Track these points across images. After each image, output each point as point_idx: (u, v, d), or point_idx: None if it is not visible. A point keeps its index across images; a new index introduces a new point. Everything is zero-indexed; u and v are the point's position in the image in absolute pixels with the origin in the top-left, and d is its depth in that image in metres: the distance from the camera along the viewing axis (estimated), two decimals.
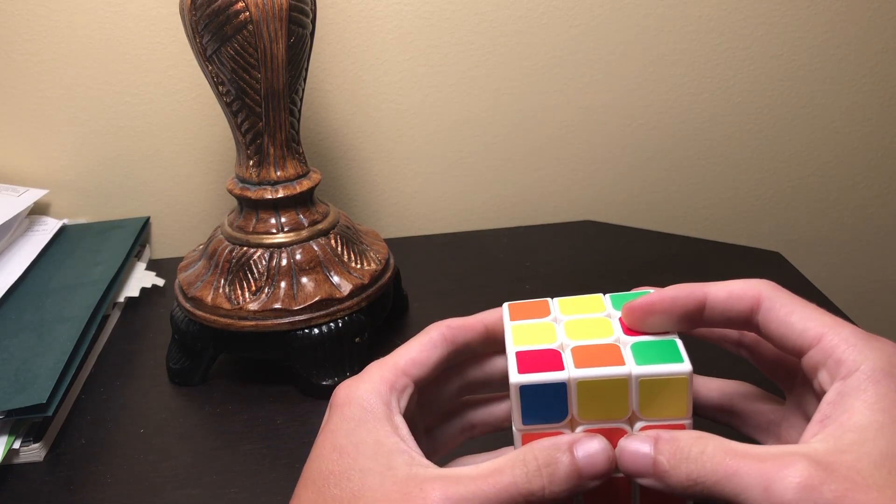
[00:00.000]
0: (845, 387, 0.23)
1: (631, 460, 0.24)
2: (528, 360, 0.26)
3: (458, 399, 0.32)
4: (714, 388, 0.31)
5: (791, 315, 0.25)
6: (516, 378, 0.26)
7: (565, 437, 0.25)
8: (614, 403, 0.26)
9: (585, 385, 0.25)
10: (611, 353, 0.26)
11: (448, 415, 0.32)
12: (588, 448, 0.24)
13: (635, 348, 0.26)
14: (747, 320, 0.27)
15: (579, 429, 0.26)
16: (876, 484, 0.21)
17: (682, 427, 0.26)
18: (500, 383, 0.31)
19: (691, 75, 0.67)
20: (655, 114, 0.69)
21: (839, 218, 0.75)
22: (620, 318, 0.28)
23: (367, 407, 0.26)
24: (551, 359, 0.26)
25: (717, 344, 0.31)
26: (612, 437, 0.26)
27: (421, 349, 0.29)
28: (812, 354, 0.25)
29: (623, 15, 0.65)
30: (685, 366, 0.25)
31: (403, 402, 0.27)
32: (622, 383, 0.25)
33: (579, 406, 0.26)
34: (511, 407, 0.27)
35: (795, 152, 0.72)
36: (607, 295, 0.30)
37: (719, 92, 0.68)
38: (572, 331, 0.28)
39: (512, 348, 0.27)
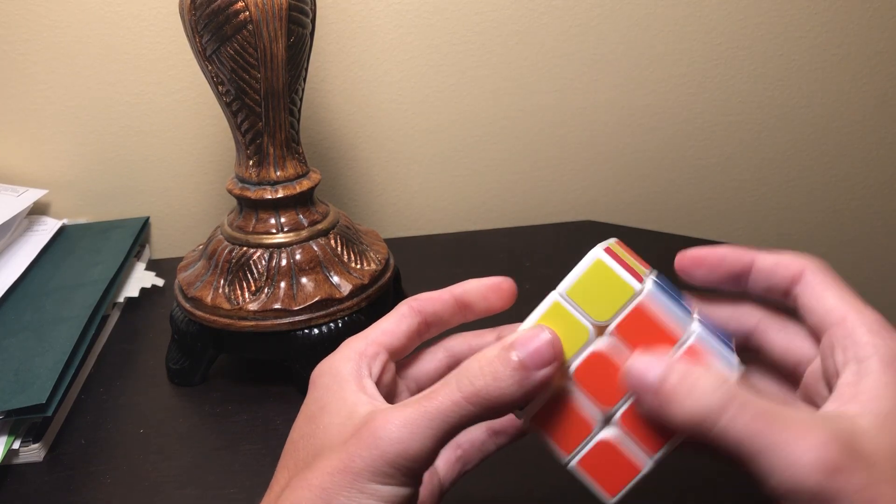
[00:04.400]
0: (863, 368, 0.23)
1: (639, 375, 0.24)
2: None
3: (445, 374, 0.32)
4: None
5: (825, 291, 0.25)
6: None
7: (505, 340, 0.24)
8: (571, 331, 0.25)
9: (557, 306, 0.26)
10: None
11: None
12: (524, 337, 0.24)
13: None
14: (787, 291, 0.27)
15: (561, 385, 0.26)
16: (892, 478, 0.20)
17: (645, 307, 0.25)
18: None
19: (691, 75, 0.67)
20: (655, 114, 0.69)
21: (839, 217, 0.75)
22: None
23: (335, 374, 0.27)
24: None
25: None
26: (601, 363, 0.25)
27: (390, 321, 0.29)
28: (832, 332, 0.25)
29: (623, 15, 0.65)
30: (593, 251, 0.26)
31: (376, 369, 0.27)
32: (557, 308, 0.25)
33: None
34: None
35: (796, 152, 0.72)
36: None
37: (719, 92, 0.68)
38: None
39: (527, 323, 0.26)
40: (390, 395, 0.28)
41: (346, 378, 0.26)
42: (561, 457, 0.26)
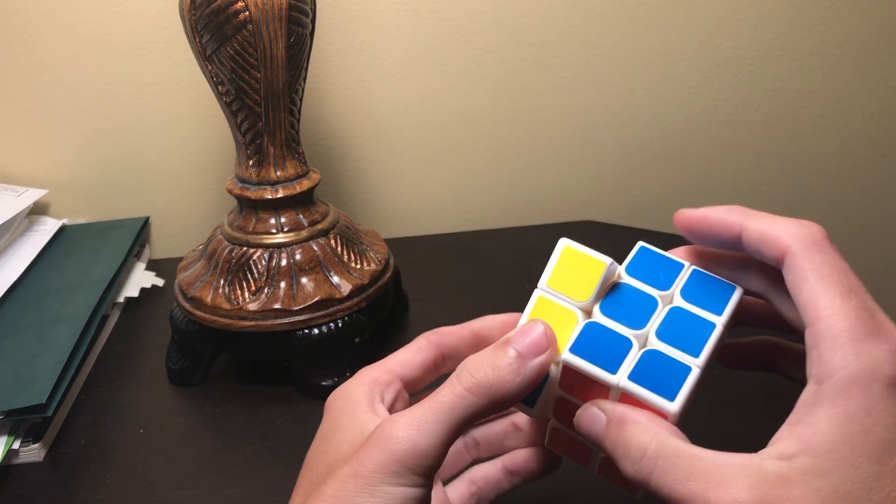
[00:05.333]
0: (819, 392, 0.22)
1: (587, 424, 0.25)
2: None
3: None
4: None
5: (804, 281, 0.23)
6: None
7: (504, 336, 0.26)
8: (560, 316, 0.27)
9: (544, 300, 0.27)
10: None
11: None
12: (521, 331, 0.25)
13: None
14: (778, 265, 0.25)
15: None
16: None
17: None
18: None
19: (691, 75, 0.67)
20: (655, 114, 0.69)
21: (840, 218, 0.75)
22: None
23: (348, 398, 0.27)
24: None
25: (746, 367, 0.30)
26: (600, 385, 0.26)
27: (407, 352, 0.30)
28: (807, 335, 0.23)
29: (623, 15, 0.65)
30: (561, 241, 0.28)
31: (388, 396, 0.28)
32: (544, 301, 0.27)
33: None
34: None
35: (796, 152, 0.72)
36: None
37: (719, 92, 0.68)
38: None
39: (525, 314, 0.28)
40: None
41: (358, 401, 0.27)
42: (585, 468, 0.29)
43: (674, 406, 0.24)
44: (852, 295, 0.23)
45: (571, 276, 0.27)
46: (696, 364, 0.25)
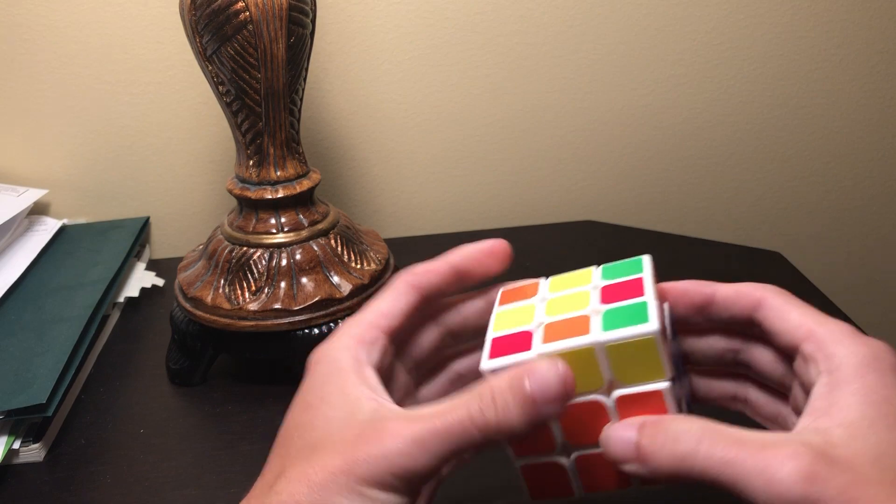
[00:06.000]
0: (833, 380, 0.23)
1: (616, 445, 0.24)
2: (501, 345, 0.26)
3: (441, 349, 0.32)
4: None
5: (789, 311, 0.26)
6: (486, 364, 0.26)
7: (520, 368, 0.24)
8: (587, 374, 0.25)
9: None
10: (579, 325, 0.25)
11: (434, 369, 0.32)
12: (539, 372, 0.23)
13: (606, 316, 0.26)
14: (749, 316, 0.27)
15: None
16: (876, 480, 0.21)
17: (660, 394, 0.25)
18: (477, 326, 0.31)
19: (691, 75, 0.67)
20: (655, 114, 0.69)
21: (839, 218, 0.75)
22: (602, 288, 0.28)
23: (334, 362, 0.26)
24: (522, 340, 0.26)
25: (716, 403, 0.31)
26: (592, 409, 0.26)
27: (389, 300, 0.28)
28: (804, 348, 0.25)
29: (623, 15, 0.65)
30: (651, 325, 0.24)
31: (375, 355, 0.27)
32: (588, 353, 0.25)
33: None
34: None
35: (795, 152, 0.72)
36: (600, 266, 0.30)
37: (719, 92, 0.68)
38: (552, 308, 0.27)
39: (490, 335, 0.27)
40: (388, 379, 0.28)
41: (345, 368, 0.26)
42: (511, 456, 0.28)
43: (652, 325, 0.24)
44: (829, 317, 0.26)
45: (631, 358, 0.25)
46: (647, 299, 0.26)
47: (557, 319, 0.26)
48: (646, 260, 0.29)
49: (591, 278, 0.29)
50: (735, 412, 0.31)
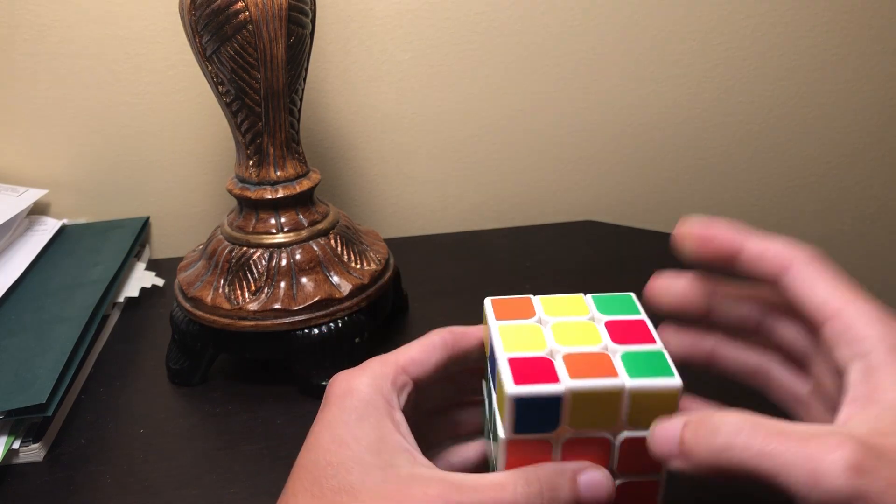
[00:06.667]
0: (869, 363, 0.23)
1: (661, 442, 0.24)
2: (522, 369, 0.26)
3: (446, 400, 0.32)
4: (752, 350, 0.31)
5: (817, 283, 0.25)
6: (513, 389, 0.25)
7: (570, 464, 0.25)
8: (605, 414, 0.26)
9: (580, 396, 0.25)
10: (603, 363, 0.26)
11: (435, 413, 0.32)
12: (591, 478, 0.24)
13: (626, 359, 0.26)
14: (775, 280, 0.27)
15: (566, 436, 0.26)
16: None
17: None
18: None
19: (691, 75, 0.67)
20: (655, 114, 0.69)
21: (840, 219, 0.75)
22: (606, 323, 0.28)
23: (367, 400, 0.26)
24: (544, 368, 0.26)
25: (737, 377, 0.31)
26: (596, 445, 0.26)
27: (421, 350, 0.29)
28: (831, 327, 0.24)
29: (623, 15, 0.65)
30: (676, 380, 0.25)
31: (402, 399, 0.27)
32: (616, 395, 0.25)
33: (572, 416, 0.26)
34: (490, 413, 0.27)
35: (796, 153, 0.72)
36: (588, 295, 0.30)
37: (719, 92, 0.68)
38: (561, 335, 0.28)
39: (503, 354, 0.27)
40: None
41: (379, 410, 0.26)
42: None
43: (678, 380, 0.25)
44: (858, 289, 0.25)
45: (647, 404, 0.26)
46: (661, 349, 0.27)
47: (575, 351, 0.27)
48: (635, 299, 0.30)
49: (587, 307, 0.30)
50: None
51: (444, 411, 0.32)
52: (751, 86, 0.68)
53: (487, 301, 0.30)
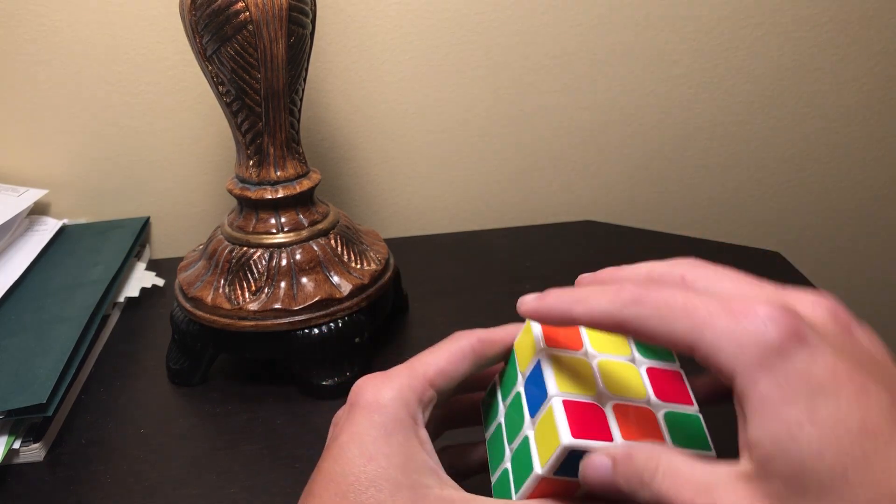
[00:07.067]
0: (737, 395, 0.21)
1: (594, 478, 0.24)
2: (577, 417, 0.25)
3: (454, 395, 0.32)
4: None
5: (659, 328, 0.23)
6: (569, 440, 0.24)
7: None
8: None
9: None
10: (649, 425, 0.26)
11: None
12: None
13: (669, 421, 0.26)
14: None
15: None
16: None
17: None
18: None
19: (691, 75, 0.67)
20: (655, 114, 0.69)
21: (839, 218, 0.75)
22: (648, 370, 0.28)
23: (395, 417, 0.26)
24: (598, 420, 0.25)
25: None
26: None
27: (450, 360, 0.28)
28: (699, 361, 0.23)
29: (623, 15, 0.65)
30: (711, 454, 0.26)
31: (427, 415, 0.27)
32: None
33: None
34: (511, 426, 0.27)
35: (795, 152, 0.72)
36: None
37: (719, 92, 0.68)
38: (608, 379, 0.27)
39: (557, 393, 0.26)
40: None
41: (406, 428, 0.26)
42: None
43: (712, 453, 0.25)
44: (695, 296, 0.22)
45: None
46: (697, 412, 0.27)
47: (623, 403, 0.26)
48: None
49: (629, 348, 0.29)
50: None
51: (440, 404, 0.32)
52: (751, 86, 0.68)
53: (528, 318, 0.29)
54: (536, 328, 0.29)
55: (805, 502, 0.19)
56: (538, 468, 0.25)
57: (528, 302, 0.26)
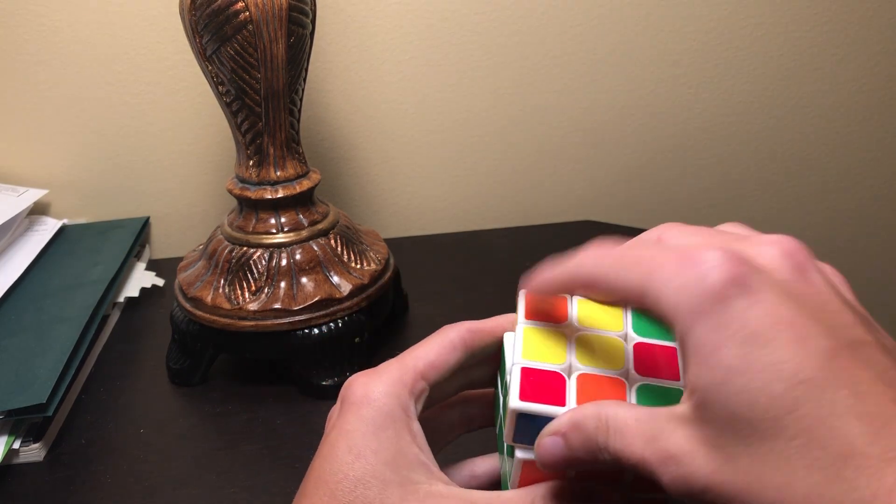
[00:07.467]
0: (678, 341, 0.21)
1: (550, 458, 0.23)
2: (532, 383, 0.25)
3: (457, 391, 0.31)
4: None
5: (608, 281, 0.23)
6: (515, 403, 0.24)
7: (582, 485, 0.24)
8: None
9: None
10: (614, 394, 0.25)
11: (447, 406, 0.32)
12: (602, 498, 0.24)
13: (640, 392, 0.25)
14: (587, 290, 0.26)
15: None
16: (730, 456, 0.19)
17: None
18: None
19: (691, 75, 0.67)
20: (655, 114, 0.69)
21: (839, 218, 0.75)
22: (635, 346, 0.27)
23: (385, 411, 0.26)
24: (555, 386, 0.25)
25: None
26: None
27: (440, 352, 0.28)
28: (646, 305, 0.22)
29: (623, 15, 0.65)
30: None
31: (419, 407, 0.27)
32: None
33: None
34: (501, 423, 0.27)
35: (795, 152, 0.72)
36: (630, 311, 0.28)
37: (719, 92, 0.68)
38: (584, 353, 0.26)
39: (519, 360, 0.26)
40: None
41: (397, 421, 0.25)
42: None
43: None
44: (641, 245, 0.23)
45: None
46: (680, 385, 0.25)
47: (591, 373, 0.25)
48: None
49: (623, 324, 0.28)
50: None
51: (455, 403, 0.32)
52: (750, 86, 0.68)
53: (521, 294, 0.28)
54: (521, 301, 0.28)
55: (741, 447, 0.19)
56: (519, 453, 0.25)
57: (526, 277, 0.27)
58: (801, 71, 0.68)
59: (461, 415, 0.31)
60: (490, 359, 0.30)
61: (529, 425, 0.24)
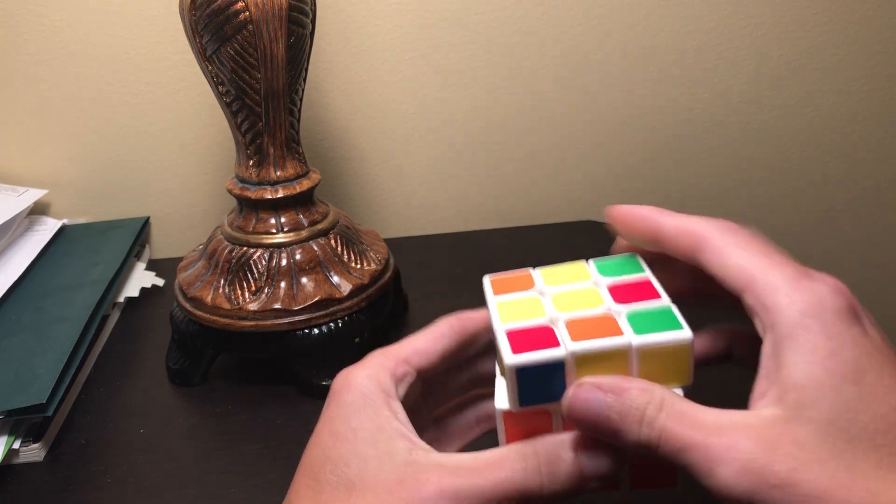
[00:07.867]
0: (776, 336, 0.22)
1: (584, 412, 0.23)
2: (521, 339, 0.25)
3: (468, 389, 0.31)
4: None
5: (728, 255, 0.24)
6: (511, 359, 0.24)
7: (568, 436, 0.24)
8: (613, 374, 0.24)
9: (584, 359, 0.24)
10: (607, 324, 0.25)
11: (461, 405, 0.32)
12: (593, 449, 0.23)
13: (632, 318, 0.25)
14: (692, 258, 0.26)
15: None
16: (820, 458, 0.20)
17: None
18: None
19: (691, 75, 0.67)
20: (655, 114, 0.69)
21: (838, 218, 0.75)
22: (609, 286, 0.27)
23: (365, 393, 0.26)
24: (545, 335, 0.25)
25: (705, 361, 0.30)
26: None
27: (427, 339, 0.28)
28: (746, 299, 0.23)
29: (623, 15, 0.65)
30: (685, 332, 0.24)
31: (402, 390, 0.27)
32: (622, 354, 0.24)
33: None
34: (501, 388, 0.26)
35: (795, 152, 0.72)
36: (591, 261, 0.29)
37: (719, 92, 0.68)
38: (561, 303, 0.27)
39: (501, 326, 0.26)
40: (413, 413, 0.27)
41: (375, 401, 0.26)
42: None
43: (687, 333, 0.24)
44: (775, 254, 0.24)
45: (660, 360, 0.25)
46: (669, 304, 0.26)
47: (577, 317, 0.26)
48: (640, 259, 0.29)
49: (589, 274, 0.29)
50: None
51: (470, 402, 0.32)
52: (750, 86, 0.68)
53: (486, 278, 0.29)
54: (487, 285, 0.29)
55: (831, 451, 0.20)
56: (511, 405, 0.25)
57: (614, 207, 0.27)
58: (801, 71, 0.68)
59: (478, 413, 0.32)
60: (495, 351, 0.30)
61: (535, 380, 0.24)
